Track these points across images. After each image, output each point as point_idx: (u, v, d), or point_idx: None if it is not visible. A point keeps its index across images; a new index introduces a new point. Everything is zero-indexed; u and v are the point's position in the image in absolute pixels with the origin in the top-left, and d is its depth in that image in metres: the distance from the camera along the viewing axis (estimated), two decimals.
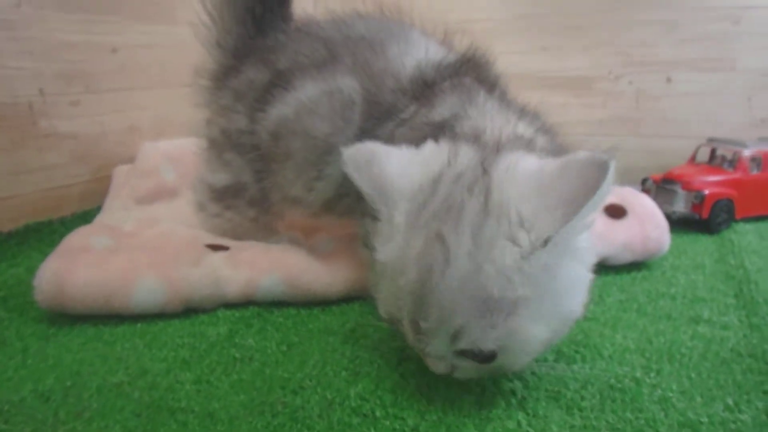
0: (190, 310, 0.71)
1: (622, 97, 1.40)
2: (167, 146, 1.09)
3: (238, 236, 0.82)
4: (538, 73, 1.45)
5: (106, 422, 0.50)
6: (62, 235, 0.79)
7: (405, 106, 0.69)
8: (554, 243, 0.44)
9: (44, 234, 0.96)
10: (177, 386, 0.55)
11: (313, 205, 0.75)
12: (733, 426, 0.50)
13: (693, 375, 0.57)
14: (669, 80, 1.36)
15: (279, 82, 0.73)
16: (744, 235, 0.98)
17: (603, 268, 0.82)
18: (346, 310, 0.72)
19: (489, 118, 0.60)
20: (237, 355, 0.61)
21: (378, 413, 0.51)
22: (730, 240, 0.95)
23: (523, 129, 0.59)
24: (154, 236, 0.77)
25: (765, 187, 1.05)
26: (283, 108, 0.72)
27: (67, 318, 0.68)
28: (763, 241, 0.95)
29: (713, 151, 1.12)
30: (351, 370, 0.58)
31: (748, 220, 1.06)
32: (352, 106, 0.70)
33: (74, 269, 0.67)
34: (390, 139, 0.64)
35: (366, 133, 0.68)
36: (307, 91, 0.71)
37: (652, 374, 0.57)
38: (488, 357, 0.47)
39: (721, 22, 1.31)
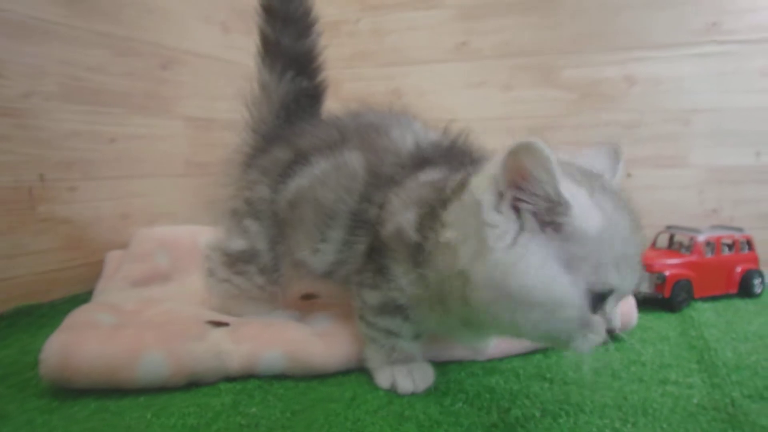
0: (191, 384, 0.77)
1: None
2: (162, 232, 1.19)
3: (240, 306, 0.93)
4: None
5: None
6: (51, 318, 0.86)
7: (403, 178, 0.79)
8: None
9: (34, 317, 1.03)
10: None
11: (317, 268, 0.85)
12: None
13: (665, 425, 0.67)
14: (630, 175, 1.57)
15: (299, 159, 0.87)
16: (702, 312, 1.12)
17: None
18: (343, 380, 0.80)
19: None
20: (243, 422, 0.68)
21: None
22: (690, 316, 1.09)
23: None
24: (157, 313, 0.85)
25: (718, 268, 1.21)
26: (300, 180, 0.86)
27: (70, 392, 0.74)
28: (719, 317, 1.10)
29: (672, 237, 1.28)
30: (354, 431, 0.66)
31: (705, 299, 1.21)
32: (355, 177, 0.82)
33: (82, 343, 0.74)
34: (386, 200, 0.77)
35: (365, 199, 0.80)
36: (320, 165, 0.85)
37: (629, 425, 0.67)
38: None
39: (674, 124, 1.54)
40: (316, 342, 0.82)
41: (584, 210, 0.58)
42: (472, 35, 1.71)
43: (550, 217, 0.58)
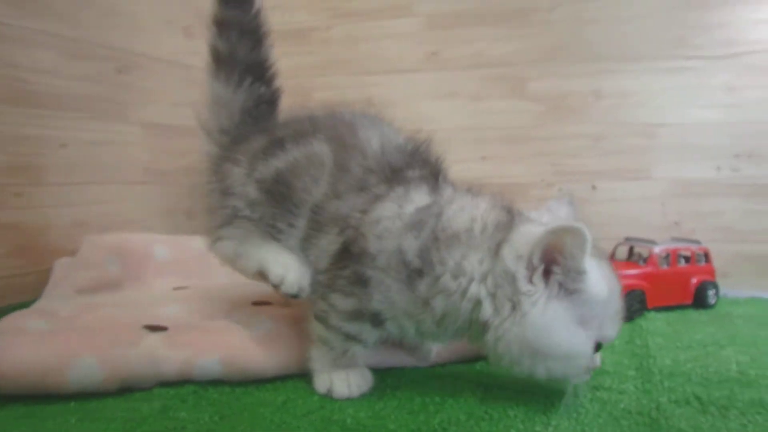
0: (125, 389, 0.79)
1: None
2: (113, 239, 1.20)
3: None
4: (479, 180, 1.67)
5: None
6: None
7: (375, 185, 0.83)
8: None
9: None
10: None
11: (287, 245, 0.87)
12: None
13: (586, 428, 0.69)
14: (594, 188, 1.62)
15: (275, 143, 0.90)
16: (653, 321, 1.16)
17: None
18: (279, 385, 0.82)
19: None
20: (169, 426, 0.69)
21: None
22: (640, 325, 1.12)
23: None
24: (92, 319, 0.87)
25: (673, 280, 1.25)
26: (278, 162, 0.87)
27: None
28: (669, 326, 1.13)
29: (631, 249, 1.32)
30: None
31: (660, 309, 1.24)
32: (321, 167, 0.85)
33: (10, 348, 0.74)
34: (367, 211, 0.80)
35: (338, 197, 0.83)
36: (294, 153, 0.87)
37: (551, 428, 0.69)
38: None
39: (638, 137, 1.58)
40: (254, 347, 0.83)
41: (597, 279, 0.72)
42: (443, 45, 1.75)
43: (572, 285, 0.71)
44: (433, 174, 0.87)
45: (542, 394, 0.78)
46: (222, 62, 1.00)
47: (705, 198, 1.56)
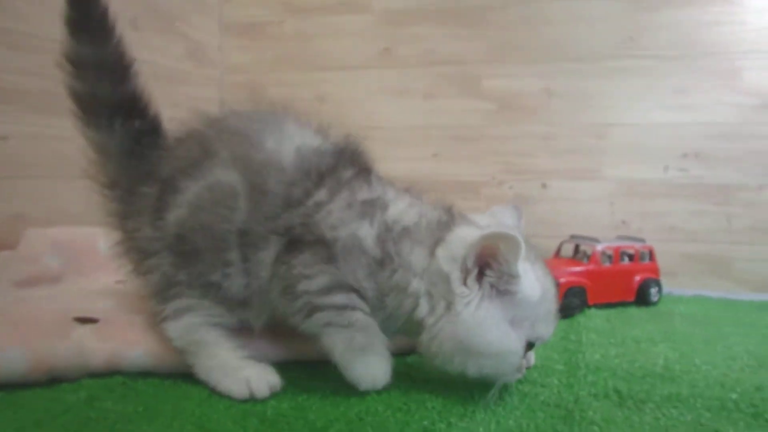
0: (54, 380, 0.78)
1: (504, 200, 1.65)
2: (55, 233, 1.19)
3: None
4: (431, 178, 1.70)
5: None
6: None
7: (307, 194, 0.79)
8: None
9: None
10: None
11: (236, 293, 0.80)
12: None
13: (501, 420, 0.70)
14: (544, 186, 1.65)
15: (166, 188, 0.81)
16: (591, 318, 1.18)
17: None
18: None
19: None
20: (92, 416, 0.69)
21: None
22: (578, 321, 1.15)
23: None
24: (22, 312, 0.86)
25: (614, 277, 1.28)
26: (178, 212, 0.80)
27: None
28: (606, 323, 1.15)
29: (577, 247, 1.34)
30: (197, 425, 0.68)
31: (601, 306, 1.27)
32: (234, 197, 0.79)
33: None
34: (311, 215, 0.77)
35: (270, 219, 0.78)
36: (191, 190, 0.80)
37: (467, 420, 0.70)
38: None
39: (589, 137, 1.61)
40: None
41: (530, 282, 0.75)
42: (396, 42, 1.77)
43: (504, 287, 0.74)
44: (366, 171, 0.84)
45: (465, 387, 0.79)
46: (85, 106, 0.90)
47: (652, 198, 1.59)
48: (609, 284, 1.28)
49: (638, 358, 0.95)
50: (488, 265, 0.73)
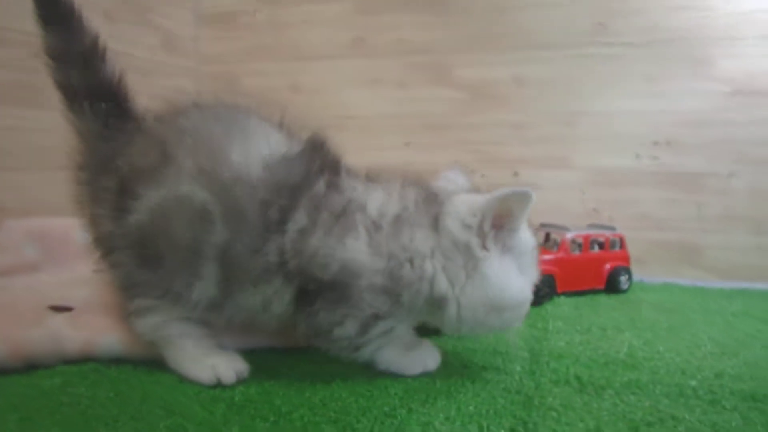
0: (30, 367, 0.81)
1: (477, 190, 1.67)
2: (32, 224, 1.21)
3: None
4: (404, 166, 1.70)
5: None
6: None
7: (284, 216, 0.75)
8: None
9: None
10: (1, 424, 0.66)
11: (199, 301, 0.78)
12: None
13: (462, 407, 0.72)
14: (516, 174, 1.66)
15: (125, 190, 0.78)
16: (560, 306, 1.21)
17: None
18: None
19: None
20: (65, 401, 0.71)
21: None
22: (546, 309, 1.17)
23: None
24: None
25: (584, 265, 1.30)
26: (137, 216, 0.77)
27: None
28: (574, 311, 1.18)
29: (548, 235, 1.36)
30: (165, 409, 0.70)
31: (571, 294, 1.29)
32: (208, 216, 0.75)
33: None
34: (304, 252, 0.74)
35: (256, 252, 0.75)
36: (152, 198, 0.76)
37: (428, 406, 0.72)
38: None
39: (560, 125, 1.61)
40: None
41: (527, 234, 0.82)
42: (368, 31, 1.77)
43: (510, 242, 0.79)
44: (335, 170, 0.82)
45: (427, 375, 0.82)
46: (65, 92, 0.91)
47: (623, 186, 1.60)
48: (578, 272, 1.30)
49: (602, 345, 0.97)
50: (501, 225, 0.78)
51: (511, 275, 0.78)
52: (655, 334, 1.05)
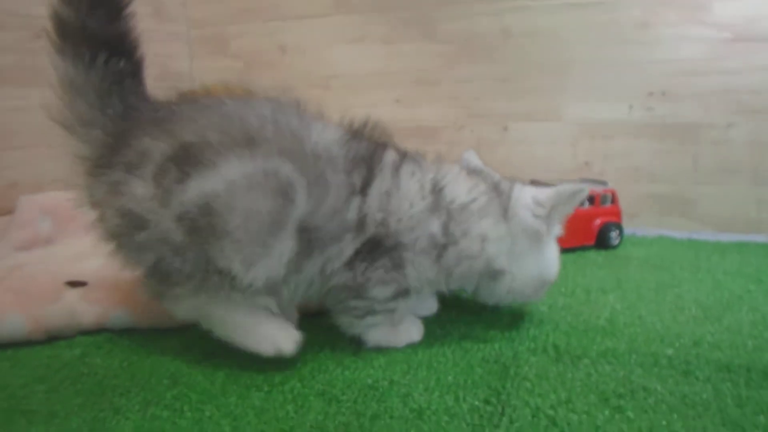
0: (52, 338, 0.90)
1: (465, 144, 1.68)
2: (43, 199, 1.29)
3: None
4: (392, 123, 1.71)
5: None
6: None
7: (366, 182, 0.82)
8: None
9: None
10: (31, 395, 0.75)
11: (251, 282, 0.77)
12: (452, 411, 0.70)
13: (441, 377, 0.78)
14: (505, 129, 1.65)
15: (190, 156, 0.75)
16: None
17: None
18: (183, 332, 0.91)
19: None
20: (85, 371, 0.81)
21: (185, 408, 0.71)
22: None
23: None
24: (19, 278, 0.96)
25: (574, 222, 1.23)
26: (208, 183, 0.74)
27: None
28: (561, 270, 1.17)
29: None
30: (171, 379, 0.78)
31: (561, 251, 1.31)
32: (292, 188, 0.77)
33: None
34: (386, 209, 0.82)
35: (338, 213, 0.80)
36: (234, 169, 0.75)
37: (408, 377, 0.78)
38: None
39: (549, 77, 1.59)
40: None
41: None
42: None
43: (557, 228, 0.94)
44: (404, 152, 0.90)
45: (410, 347, 0.88)
46: (67, 35, 0.82)
47: (616, 138, 1.59)
48: (568, 230, 1.26)
49: (584, 310, 1.01)
50: (557, 212, 0.91)
51: (556, 256, 0.93)
52: (640, 295, 1.08)
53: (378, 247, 0.83)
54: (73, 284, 0.95)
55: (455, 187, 0.88)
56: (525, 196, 0.91)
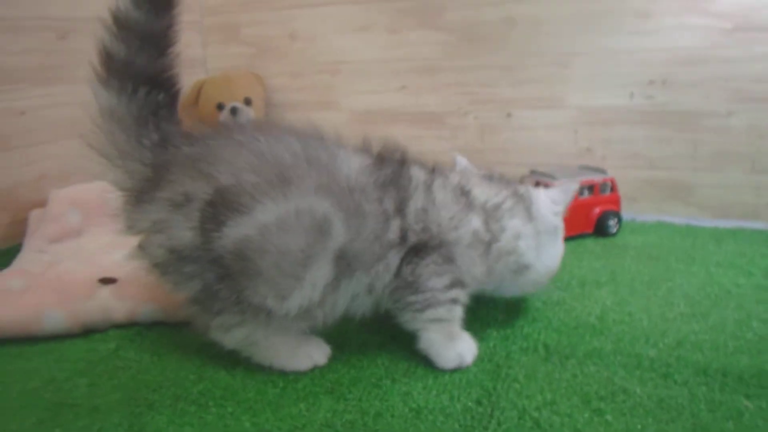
0: (88, 331, 0.99)
1: (469, 130, 1.73)
2: (72, 192, 1.38)
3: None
4: (397, 109, 1.79)
5: (25, 415, 0.78)
6: None
7: (402, 202, 0.86)
8: None
9: None
10: (74, 388, 0.84)
11: (286, 312, 0.83)
12: (447, 411, 0.76)
13: (438, 376, 0.84)
14: (509, 116, 1.69)
15: (227, 202, 0.78)
16: None
17: None
18: None
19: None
20: (120, 365, 0.90)
21: (210, 403, 0.79)
22: None
23: None
24: (56, 275, 1.05)
25: (572, 212, 1.30)
26: (241, 229, 0.78)
27: None
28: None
29: (537, 183, 1.37)
30: (197, 375, 0.86)
31: None
32: (328, 223, 0.81)
33: None
34: (427, 226, 0.87)
35: (379, 237, 0.84)
36: (268, 213, 0.79)
37: (409, 375, 0.85)
38: None
39: (551, 66, 1.62)
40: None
41: None
42: None
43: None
44: (415, 163, 0.94)
45: (410, 342, 0.92)
46: (114, 69, 0.86)
47: (617, 125, 1.61)
48: (568, 218, 1.29)
49: (576, 306, 1.06)
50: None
51: (563, 247, 1.02)
52: (633, 289, 1.13)
53: (423, 249, 0.88)
54: (105, 281, 1.04)
55: (482, 189, 0.95)
56: (542, 197, 1.00)
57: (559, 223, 1.01)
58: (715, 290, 1.13)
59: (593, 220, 1.40)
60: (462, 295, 0.91)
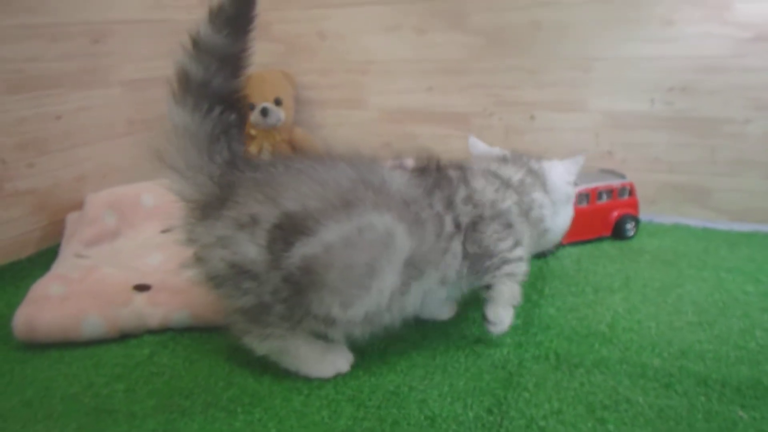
0: (124, 336, 1.05)
1: (494, 131, 1.77)
2: (107, 195, 1.43)
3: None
4: (425, 109, 1.83)
5: (66, 420, 0.82)
6: (29, 271, 1.17)
7: (450, 200, 0.96)
8: None
9: (15, 272, 1.32)
10: (113, 394, 0.89)
11: (350, 320, 0.88)
12: (460, 419, 0.80)
13: (454, 382, 0.88)
14: (532, 118, 1.72)
15: (294, 226, 0.83)
16: (562, 259, 1.32)
17: None
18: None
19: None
20: (154, 371, 0.95)
21: (239, 410, 0.84)
22: (548, 264, 1.29)
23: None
24: (94, 281, 1.11)
25: (591, 216, 1.39)
26: (308, 249, 0.83)
27: (38, 347, 1.02)
28: (575, 265, 1.29)
29: None
30: (227, 381, 0.91)
31: (576, 243, 1.40)
32: (391, 236, 0.87)
33: (39, 313, 1.02)
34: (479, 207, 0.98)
35: (441, 235, 0.93)
36: (332, 233, 0.84)
37: (425, 382, 0.89)
38: None
39: (575, 70, 1.64)
40: (213, 302, 1.01)
41: None
42: None
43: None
44: (448, 165, 1.04)
45: (428, 346, 0.98)
46: (191, 89, 0.90)
47: (637, 130, 1.62)
48: (585, 224, 1.37)
49: (588, 313, 1.09)
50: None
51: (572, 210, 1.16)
52: (644, 296, 1.15)
53: (480, 222, 0.97)
54: (140, 288, 1.10)
55: (505, 170, 1.07)
56: (556, 169, 1.12)
57: (572, 191, 1.14)
58: (723, 297, 1.14)
59: (611, 223, 1.43)
60: (525, 253, 1.03)
